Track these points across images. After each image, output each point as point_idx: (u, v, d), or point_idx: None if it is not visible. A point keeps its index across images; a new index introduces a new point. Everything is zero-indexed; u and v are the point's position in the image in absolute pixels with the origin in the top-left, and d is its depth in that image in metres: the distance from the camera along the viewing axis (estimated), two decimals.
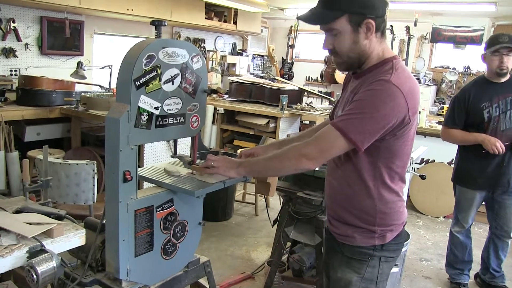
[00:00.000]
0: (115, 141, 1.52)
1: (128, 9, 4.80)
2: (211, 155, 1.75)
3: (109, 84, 4.76)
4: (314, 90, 6.37)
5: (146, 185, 1.84)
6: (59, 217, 1.67)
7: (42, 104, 4.12)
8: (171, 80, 1.64)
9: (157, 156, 3.63)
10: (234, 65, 6.68)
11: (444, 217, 4.66)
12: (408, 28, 6.72)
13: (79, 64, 4.38)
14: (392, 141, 1.47)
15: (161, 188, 1.75)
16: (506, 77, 2.78)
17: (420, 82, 6.72)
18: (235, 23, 6.67)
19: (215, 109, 5.29)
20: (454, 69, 6.84)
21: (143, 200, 1.65)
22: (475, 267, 3.26)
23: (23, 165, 2.16)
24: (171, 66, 1.63)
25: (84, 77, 4.42)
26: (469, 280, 3.18)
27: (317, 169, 2.47)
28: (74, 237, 1.61)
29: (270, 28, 8.49)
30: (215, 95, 5.66)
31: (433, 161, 4.72)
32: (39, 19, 4.60)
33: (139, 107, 1.55)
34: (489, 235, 3.11)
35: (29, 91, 4.08)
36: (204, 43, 6.95)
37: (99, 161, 3.56)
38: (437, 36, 6.63)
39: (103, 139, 3.38)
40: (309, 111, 4.88)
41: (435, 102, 6.74)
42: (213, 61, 6.83)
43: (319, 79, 7.90)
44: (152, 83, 1.57)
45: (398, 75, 1.42)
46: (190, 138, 1.86)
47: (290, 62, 8.04)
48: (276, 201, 3.95)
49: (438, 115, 5.69)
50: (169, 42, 1.62)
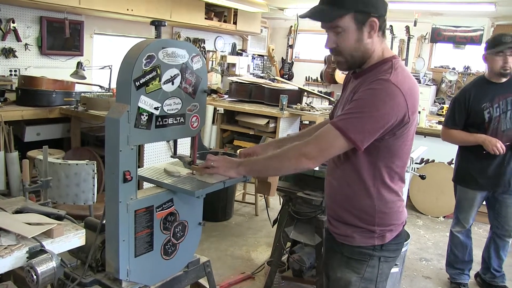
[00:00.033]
0: (115, 141, 1.52)
1: (127, 9, 4.79)
2: (211, 155, 1.74)
3: (109, 84, 4.76)
4: (314, 90, 6.37)
5: (146, 185, 1.84)
6: (59, 218, 1.67)
7: (41, 104, 4.12)
8: (171, 80, 1.64)
9: (157, 156, 3.62)
10: (234, 65, 6.67)
11: (444, 217, 4.66)
12: (408, 28, 6.71)
13: (79, 64, 4.37)
14: (391, 141, 1.47)
15: (161, 188, 1.75)
16: (506, 77, 2.78)
17: (420, 82, 6.72)
18: (235, 23, 6.66)
19: (215, 109, 5.28)
20: (453, 69, 6.84)
21: (143, 200, 1.65)
22: (475, 267, 3.26)
23: (23, 165, 2.15)
24: (171, 66, 1.63)
25: (84, 77, 4.41)
26: (469, 280, 3.19)
27: (317, 169, 2.48)
28: (74, 237, 1.61)
29: (270, 28, 8.48)
30: (215, 95, 5.65)
31: (433, 161, 4.72)
32: (39, 19, 4.60)
33: (139, 107, 1.55)
34: (490, 235, 3.11)
35: (29, 91, 4.08)
36: (204, 43, 6.95)
37: (99, 161, 3.56)
38: (436, 36, 6.63)
39: (103, 139, 3.39)
40: (309, 111, 4.87)
41: (435, 102, 6.74)
42: (213, 61, 6.83)
43: (319, 79, 7.89)
44: (152, 83, 1.57)
45: (397, 75, 1.43)
46: (190, 138, 1.87)
47: (290, 62, 8.02)
48: (276, 201, 3.94)
49: (438, 115, 5.70)
50: (169, 42, 1.62)
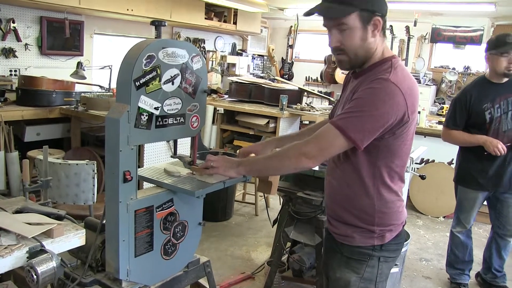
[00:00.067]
0: (115, 141, 1.52)
1: (127, 9, 4.79)
2: (210, 155, 1.74)
3: (109, 84, 4.76)
4: (314, 90, 6.36)
5: (146, 185, 1.84)
6: (59, 217, 1.67)
7: (42, 104, 4.12)
8: (171, 80, 1.64)
9: (157, 156, 3.62)
10: (234, 65, 6.67)
11: (444, 217, 4.66)
12: (408, 28, 6.71)
13: (79, 64, 4.37)
14: (391, 140, 1.47)
15: (161, 188, 1.75)
16: (509, 77, 2.77)
17: (420, 82, 6.72)
18: (235, 23, 6.66)
19: (215, 109, 5.28)
20: (453, 69, 6.84)
21: (143, 200, 1.65)
22: (475, 267, 3.26)
23: (23, 165, 2.16)
24: (171, 66, 1.63)
25: (84, 77, 4.41)
26: (470, 280, 3.19)
27: (317, 169, 2.48)
28: (74, 237, 1.61)
29: (270, 28, 8.48)
30: (215, 95, 5.65)
31: (433, 161, 4.72)
32: (39, 19, 4.60)
33: (139, 107, 1.55)
34: (491, 235, 3.11)
35: (29, 91, 4.08)
36: (204, 43, 6.95)
37: (99, 161, 3.56)
38: (436, 36, 6.63)
39: (103, 139, 3.38)
40: (309, 111, 4.87)
41: (435, 102, 6.74)
42: (213, 61, 6.83)
43: (319, 79, 7.89)
44: (152, 83, 1.57)
45: (397, 74, 1.43)
46: (190, 138, 1.87)
47: (290, 62, 8.02)
48: (276, 201, 3.95)
49: (438, 115, 5.70)
50: (169, 42, 1.62)
